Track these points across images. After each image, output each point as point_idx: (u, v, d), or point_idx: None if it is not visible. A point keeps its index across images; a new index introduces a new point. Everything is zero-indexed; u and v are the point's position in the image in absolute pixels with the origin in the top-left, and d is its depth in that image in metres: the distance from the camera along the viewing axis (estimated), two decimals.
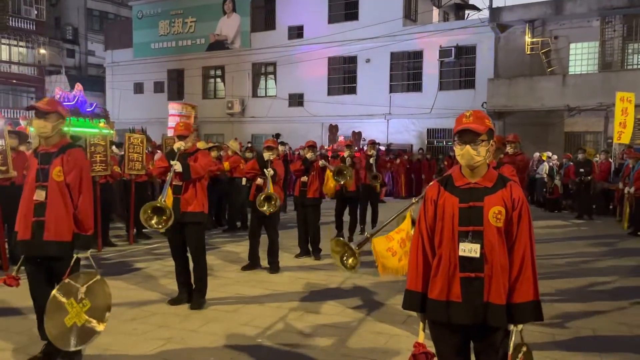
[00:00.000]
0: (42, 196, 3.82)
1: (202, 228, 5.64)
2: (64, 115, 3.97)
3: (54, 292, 3.65)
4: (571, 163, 15.40)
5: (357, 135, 20.69)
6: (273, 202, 6.83)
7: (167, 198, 5.19)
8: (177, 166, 5.26)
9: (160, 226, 4.99)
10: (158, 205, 4.96)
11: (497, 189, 2.61)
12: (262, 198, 6.80)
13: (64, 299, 3.65)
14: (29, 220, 3.84)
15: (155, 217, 4.97)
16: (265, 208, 6.81)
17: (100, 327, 3.78)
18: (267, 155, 7.01)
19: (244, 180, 9.90)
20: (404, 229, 4.19)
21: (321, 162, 8.05)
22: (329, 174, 8.42)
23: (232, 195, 10.65)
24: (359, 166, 9.58)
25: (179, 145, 5.40)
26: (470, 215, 2.59)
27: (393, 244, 4.19)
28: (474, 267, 2.56)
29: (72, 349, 3.74)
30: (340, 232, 9.40)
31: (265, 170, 6.93)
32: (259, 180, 7.05)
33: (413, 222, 4.02)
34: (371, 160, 9.75)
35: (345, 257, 3.81)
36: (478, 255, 2.55)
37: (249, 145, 15.30)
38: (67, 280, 3.71)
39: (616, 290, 6.55)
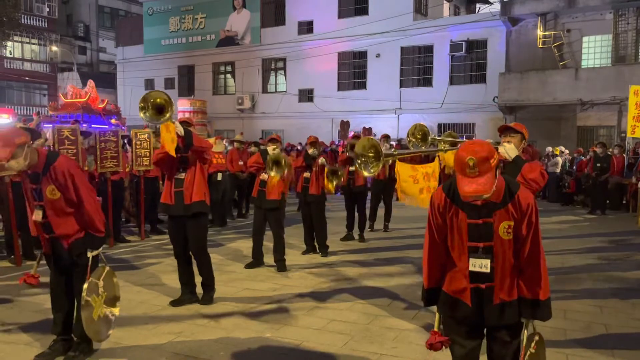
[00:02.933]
0: (39, 216, 3.79)
1: (205, 219, 5.50)
2: (25, 139, 3.67)
3: (83, 294, 3.71)
4: (583, 158, 15.24)
5: (367, 131, 20.63)
6: (283, 163, 6.64)
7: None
8: (179, 128, 4.84)
9: None
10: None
11: (505, 203, 2.54)
12: (272, 158, 6.59)
13: (89, 297, 3.75)
14: (44, 237, 3.89)
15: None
16: (273, 173, 6.64)
17: (116, 311, 4.03)
18: (271, 149, 6.88)
19: (219, 176, 10.30)
20: (431, 166, 4.13)
21: (320, 160, 7.86)
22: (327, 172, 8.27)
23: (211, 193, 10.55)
24: None
25: (180, 128, 4.97)
26: (479, 231, 2.56)
27: (416, 174, 4.10)
28: (485, 279, 2.57)
29: (105, 337, 3.97)
30: (351, 232, 9.31)
31: (270, 172, 6.76)
32: (263, 175, 6.96)
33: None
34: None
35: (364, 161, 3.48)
36: (488, 270, 2.55)
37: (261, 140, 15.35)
38: (91, 279, 3.79)
39: (629, 286, 6.49)
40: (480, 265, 2.54)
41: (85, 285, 3.73)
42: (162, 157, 5.15)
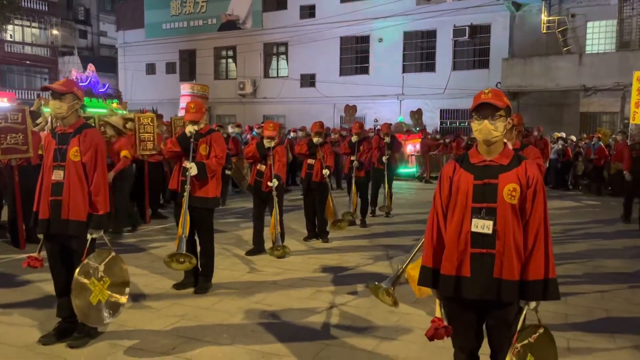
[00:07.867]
0: (60, 176, 3.87)
1: (212, 213, 5.54)
2: (80, 96, 3.99)
3: (75, 274, 3.74)
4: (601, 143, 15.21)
5: (418, 113, 20.53)
6: (283, 249, 6.66)
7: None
8: (193, 170, 5.13)
9: (183, 264, 5.02)
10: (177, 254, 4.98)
11: (512, 167, 2.62)
12: (274, 250, 6.59)
13: (85, 280, 3.76)
14: (47, 200, 3.90)
15: (175, 261, 4.97)
16: (277, 253, 6.61)
17: (123, 300, 3.96)
18: (267, 143, 6.78)
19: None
20: None
21: (325, 172, 7.75)
22: (329, 203, 7.91)
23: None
24: (367, 149, 9.48)
25: (191, 129, 5.23)
26: (484, 192, 2.60)
27: None
28: (486, 243, 2.57)
29: (106, 322, 3.95)
30: (353, 218, 9.30)
31: (269, 182, 6.69)
32: (260, 166, 6.89)
33: None
34: (384, 158, 9.57)
35: (387, 295, 3.93)
36: (490, 231, 2.56)
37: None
38: (85, 261, 3.80)
39: (629, 271, 6.52)
40: (483, 226, 2.57)
41: (78, 268, 3.74)
42: (173, 153, 5.40)
